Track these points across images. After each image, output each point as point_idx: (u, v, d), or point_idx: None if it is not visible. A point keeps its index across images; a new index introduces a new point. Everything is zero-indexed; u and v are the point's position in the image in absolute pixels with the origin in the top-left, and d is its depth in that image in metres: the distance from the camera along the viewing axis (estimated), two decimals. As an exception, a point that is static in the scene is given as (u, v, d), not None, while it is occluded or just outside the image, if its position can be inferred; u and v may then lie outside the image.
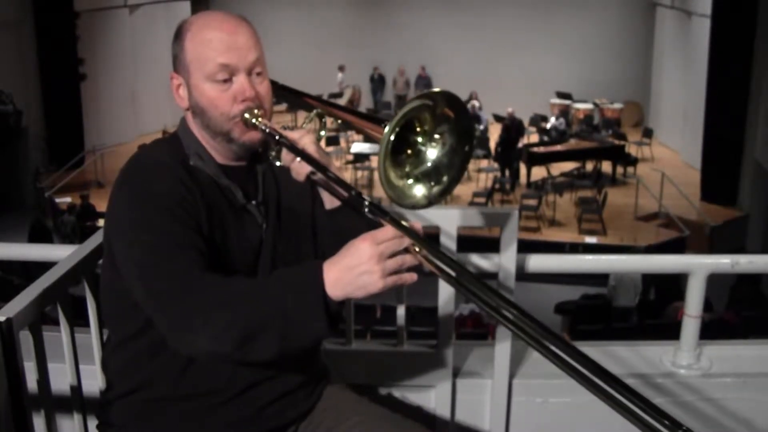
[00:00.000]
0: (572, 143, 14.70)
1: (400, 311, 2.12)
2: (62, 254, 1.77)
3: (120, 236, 1.40)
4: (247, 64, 1.44)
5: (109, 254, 1.46)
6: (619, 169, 14.63)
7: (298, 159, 1.43)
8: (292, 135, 1.45)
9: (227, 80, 1.44)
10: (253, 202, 1.52)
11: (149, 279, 1.33)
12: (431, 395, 2.12)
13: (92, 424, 1.63)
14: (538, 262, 2.09)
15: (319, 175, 1.43)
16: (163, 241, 1.34)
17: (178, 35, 1.47)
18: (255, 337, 1.27)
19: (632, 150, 15.36)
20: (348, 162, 13.58)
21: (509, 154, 14.04)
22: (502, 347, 2.06)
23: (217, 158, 1.51)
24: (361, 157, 13.83)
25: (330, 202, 1.53)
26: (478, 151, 15.03)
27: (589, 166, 14.62)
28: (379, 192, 12.73)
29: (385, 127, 1.25)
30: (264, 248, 1.51)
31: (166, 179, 1.41)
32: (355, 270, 1.25)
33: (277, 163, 1.48)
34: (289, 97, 1.68)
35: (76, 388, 1.68)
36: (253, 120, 1.45)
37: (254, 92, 1.45)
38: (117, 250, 1.40)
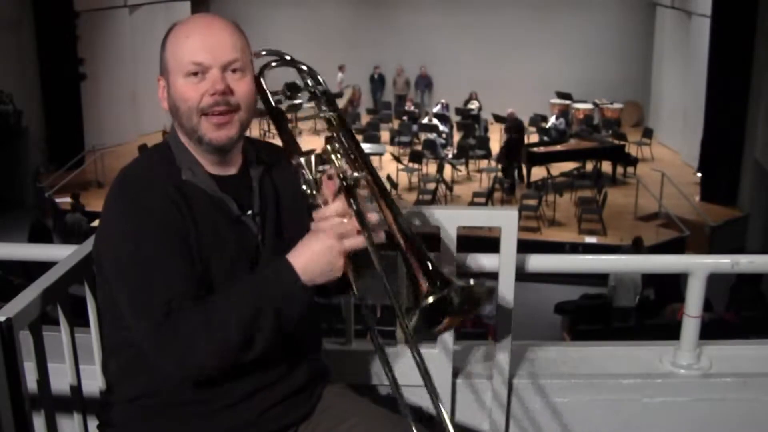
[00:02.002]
0: (572, 143, 14.72)
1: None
2: (62, 254, 1.77)
3: (109, 252, 1.42)
4: (221, 61, 1.42)
5: (98, 264, 1.49)
6: (619, 169, 14.63)
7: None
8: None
9: (197, 73, 1.42)
10: (249, 213, 1.50)
11: (136, 306, 1.37)
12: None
13: (92, 424, 1.63)
14: (538, 262, 2.09)
15: None
16: (149, 267, 1.36)
17: (163, 40, 1.48)
18: (253, 336, 1.34)
19: (632, 150, 15.37)
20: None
21: (513, 154, 14.04)
22: (502, 347, 2.05)
23: (208, 167, 1.49)
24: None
25: None
26: (478, 151, 15.00)
27: (589, 166, 14.63)
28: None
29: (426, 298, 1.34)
30: (260, 259, 1.50)
31: (155, 197, 1.41)
32: (314, 247, 1.36)
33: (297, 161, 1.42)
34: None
35: (76, 388, 1.68)
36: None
37: (224, 86, 1.41)
38: (106, 265, 1.44)
